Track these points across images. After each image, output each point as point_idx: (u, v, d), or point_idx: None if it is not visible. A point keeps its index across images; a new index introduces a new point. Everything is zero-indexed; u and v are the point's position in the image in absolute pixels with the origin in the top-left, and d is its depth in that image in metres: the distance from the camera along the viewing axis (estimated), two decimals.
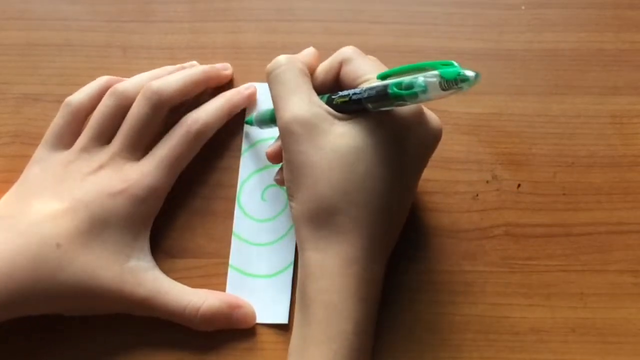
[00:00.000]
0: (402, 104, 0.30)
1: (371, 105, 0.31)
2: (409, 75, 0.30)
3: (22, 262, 0.34)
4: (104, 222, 0.36)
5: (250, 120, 0.40)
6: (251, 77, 0.42)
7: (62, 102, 0.39)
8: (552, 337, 0.37)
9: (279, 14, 0.44)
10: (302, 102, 0.33)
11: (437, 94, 0.28)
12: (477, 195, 0.40)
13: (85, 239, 0.35)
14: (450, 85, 0.27)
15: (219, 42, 0.43)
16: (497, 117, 0.41)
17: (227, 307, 0.37)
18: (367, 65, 0.34)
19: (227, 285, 0.38)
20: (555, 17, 0.43)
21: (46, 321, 0.37)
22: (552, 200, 0.39)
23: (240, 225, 0.39)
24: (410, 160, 0.34)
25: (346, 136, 0.32)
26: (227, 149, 0.41)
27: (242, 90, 0.41)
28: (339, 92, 0.34)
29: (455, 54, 0.42)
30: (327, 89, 0.35)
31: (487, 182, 0.40)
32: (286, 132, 0.33)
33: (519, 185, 0.40)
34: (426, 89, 0.28)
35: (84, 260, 0.35)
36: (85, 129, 0.38)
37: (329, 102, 0.34)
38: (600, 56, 0.42)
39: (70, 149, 0.38)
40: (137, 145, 0.38)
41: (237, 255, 0.39)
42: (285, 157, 0.34)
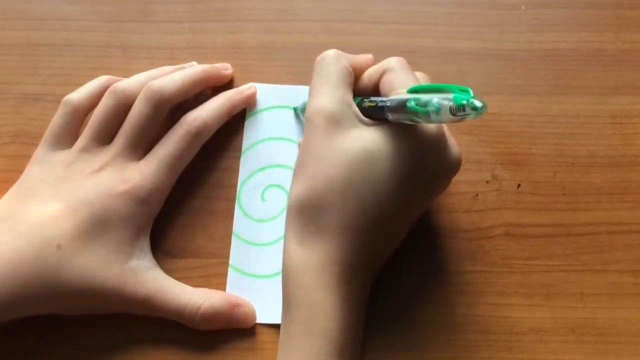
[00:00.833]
0: (416, 120, 0.30)
1: (391, 115, 0.32)
2: (435, 94, 0.29)
3: (23, 264, 0.34)
4: (105, 223, 0.36)
5: (296, 108, 0.41)
6: (251, 77, 0.42)
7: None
8: (552, 337, 0.37)
9: (279, 14, 0.44)
10: (334, 98, 0.34)
11: (446, 117, 0.28)
12: (477, 195, 0.40)
13: (86, 239, 0.35)
14: (458, 110, 0.27)
15: (219, 42, 0.43)
16: (497, 117, 0.41)
17: (227, 306, 0.37)
18: (406, 78, 0.34)
19: (227, 285, 0.38)
20: (555, 17, 0.43)
21: (47, 320, 0.36)
22: (552, 200, 0.39)
23: (240, 225, 0.39)
24: (420, 181, 0.33)
25: (363, 140, 0.33)
26: (227, 149, 0.41)
27: (243, 90, 0.41)
28: (370, 97, 0.34)
29: (455, 54, 0.42)
30: (367, 94, 0.35)
31: (487, 182, 0.40)
32: (310, 120, 0.34)
33: (519, 185, 0.40)
34: (439, 110, 0.28)
35: (85, 260, 0.35)
36: (85, 129, 0.38)
37: (360, 105, 0.34)
38: (600, 56, 0.42)
39: (70, 148, 0.38)
40: (138, 145, 0.38)
41: (237, 255, 0.39)
42: (302, 143, 0.34)
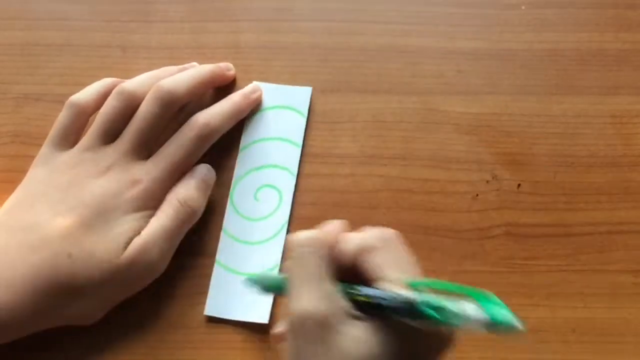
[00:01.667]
0: (426, 324, 0.27)
1: (394, 315, 0.28)
2: (446, 296, 0.27)
3: (39, 279, 0.34)
4: (112, 223, 0.36)
5: (253, 277, 0.34)
6: (251, 77, 0.42)
7: (62, 102, 0.39)
8: (552, 337, 0.37)
9: (279, 14, 0.44)
10: (320, 296, 0.29)
11: (475, 327, 0.25)
12: (477, 195, 0.40)
13: (94, 241, 0.35)
14: (491, 327, 0.25)
15: (219, 42, 0.43)
16: (497, 117, 0.41)
17: (188, 180, 0.38)
18: (392, 261, 0.30)
19: (212, 280, 0.38)
20: (555, 17, 0.43)
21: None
22: (552, 200, 0.39)
23: (230, 222, 0.39)
24: None
25: (360, 341, 0.29)
26: (225, 147, 0.41)
27: (249, 94, 0.41)
28: (361, 289, 0.30)
29: (455, 54, 0.42)
30: (344, 273, 0.31)
31: (487, 182, 0.40)
32: (297, 324, 0.29)
33: (519, 185, 0.40)
34: (470, 321, 0.25)
35: (95, 261, 0.35)
36: (91, 128, 0.38)
37: (348, 294, 0.30)
38: (600, 56, 0.42)
39: (74, 148, 0.38)
40: (145, 144, 0.38)
41: (224, 251, 0.39)
42: (290, 350, 0.30)
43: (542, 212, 0.39)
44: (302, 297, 0.30)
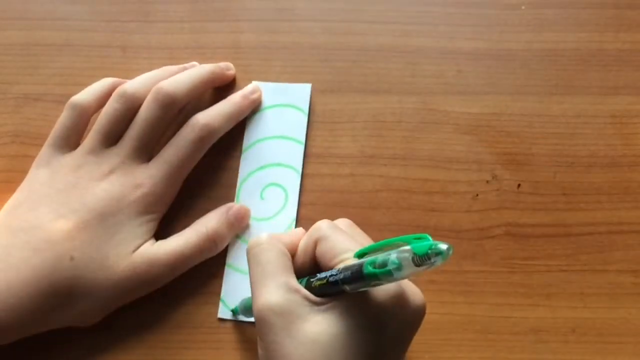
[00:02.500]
0: (378, 283, 0.28)
1: (348, 287, 0.29)
2: (384, 251, 0.28)
3: (41, 281, 0.34)
4: (115, 228, 0.36)
5: (235, 310, 0.38)
6: (251, 77, 0.42)
7: (62, 102, 0.39)
8: (552, 337, 0.37)
9: (279, 14, 0.44)
10: (279, 288, 0.31)
11: (411, 270, 0.26)
12: (477, 195, 0.40)
13: (97, 245, 0.35)
14: (423, 260, 0.25)
15: (219, 42, 0.43)
16: (497, 117, 0.41)
17: (223, 216, 0.38)
18: (343, 242, 0.31)
19: (223, 282, 0.38)
20: (555, 17, 0.43)
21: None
22: (552, 200, 0.39)
23: None
24: (391, 343, 0.31)
25: (323, 324, 0.29)
26: (227, 148, 0.41)
27: (249, 94, 0.41)
28: (317, 275, 0.31)
29: (455, 54, 0.42)
30: (307, 270, 0.33)
31: (487, 182, 0.40)
32: (261, 320, 0.30)
33: (519, 185, 0.40)
34: (400, 266, 0.26)
35: (96, 265, 0.35)
36: (92, 131, 0.38)
37: (308, 286, 0.31)
38: (600, 56, 0.42)
39: (76, 150, 0.38)
40: (146, 147, 0.38)
41: (234, 253, 0.39)
42: (260, 345, 0.31)
43: (542, 212, 0.39)
44: (261, 292, 0.31)
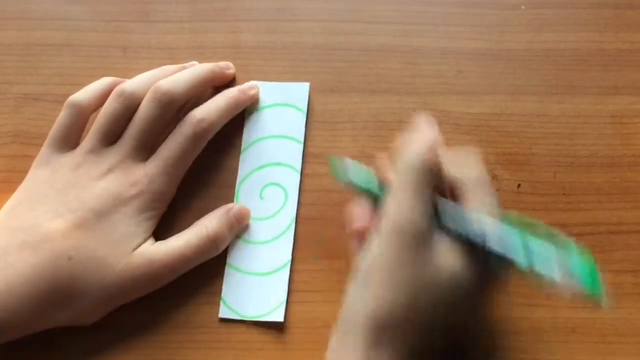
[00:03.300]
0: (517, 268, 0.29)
1: (490, 253, 0.30)
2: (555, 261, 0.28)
3: (40, 280, 0.34)
4: (113, 226, 0.36)
5: (338, 175, 0.36)
6: (251, 77, 0.42)
7: (62, 102, 0.39)
8: (552, 337, 0.37)
9: (279, 14, 0.44)
10: (422, 209, 0.31)
11: (553, 281, 0.26)
12: None
13: (94, 245, 0.35)
14: (571, 280, 0.26)
15: (219, 42, 0.43)
16: (497, 117, 0.41)
17: (224, 217, 0.38)
18: (489, 204, 0.32)
19: (224, 283, 0.38)
20: (555, 17, 0.43)
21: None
22: (552, 200, 0.39)
23: None
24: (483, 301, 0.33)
25: (449, 257, 0.31)
26: (227, 148, 0.41)
27: (247, 90, 0.41)
28: (455, 211, 0.31)
29: (455, 54, 0.42)
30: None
31: None
32: (395, 232, 0.31)
33: (519, 185, 0.40)
34: (554, 282, 0.26)
35: (95, 265, 0.35)
36: (91, 130, 0.38)
37: (437, 209, 0.32)
38: (600, 56, 0.42)
39: (76, 149, 0.38)
40: (146, 145, 0.38)
41: (234, 253, 0.39)
42: (380, 252, 0.31)
43: (542, 212, 0.39)
44: (404, 204, 0.31)
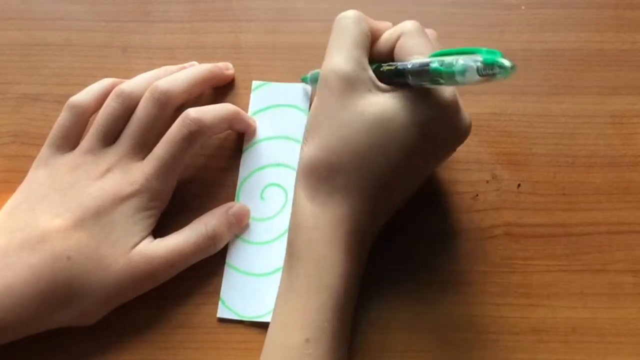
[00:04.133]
0: (439, 82, 0.30)
1: (412, 78, 0.32)
2: (459, 56, 0.30)
3: (39, 281, 0.34)
4: (112, 226, 0.36)
5: (305, 78, 0.41)
6: (251, 77, 0.42)
7: (62, 102, 0.39)
8: (552, 337, 0.37)
9: (279, 14, 0.44)
10: (351, 60, 0.34)
11: (473, 77, 0.28)
12: (477, 195, 0.40)
13: (93, 245, 0.35)
14: (486, 70, 0.28)
15: (219, 42, 0.43)
16: (497, 117, 0.41)
17: (223, 215, 0.38)
18: (423, 43, 0.34)
19: (223, 283, 0.38)
20: (555, 17, 0.43)
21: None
22: (552, 200, 0.39)
23: None
24: (431, 148, 0.34)
25: (379, 105, 0.33)
26: (227, 149, 0.41)
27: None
28: (389, 62, 0.34)
29: None
30: (382, 59, 0.35)
31: (487, 182, 0.40)
32: (325, 80, 0.34)
33: (519, 185, 0.40)
34: (464, 70, 0.29)
35: (94, 265, 0.35)
36: (90, 130, 0.38)
37: (377, 70, 0.34)
38: (600, 56, 0.42)
39: (75, 150, 0.38)
40: (144, 145, 0.38)
41: (234, 253, 0.39)
42: (314, 103, 0.35)
43: (542, 212, 0.39)
44: (334, 57, 0.34)
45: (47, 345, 0.37)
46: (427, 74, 0.31)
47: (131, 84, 0.39)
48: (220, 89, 0.42)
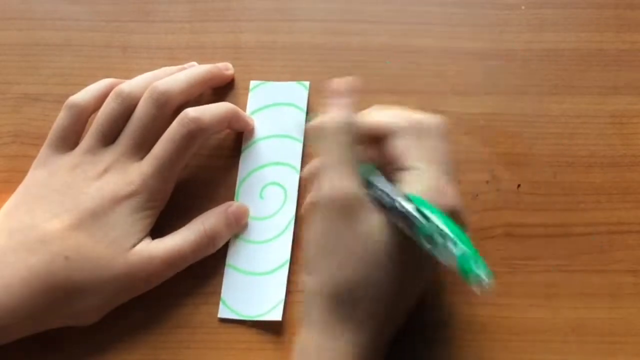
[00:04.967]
0: (420, 240, 0.30)
1: (396, 219, 0.31)
2: (443, 227, 0.29)
3: (36, 281, 0.34)
4: (109, 226, 0.36)
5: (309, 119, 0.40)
6: (251, 77, 0.42)
7: (62, 102, 0.39)
8: (552, 337, 0.37)
9: (279, 14, 0.44)
10: (349, 182, 0.32)
11: (449, 263, 0.28)
12: (477, 195, 0.40)
13: (91, 245, 0.35)
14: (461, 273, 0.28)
15: (219, 42, 0.43)
16: (497, 117, 0.41)
17: (222, 214, 0.38)
18: (417, 152, 0.32)
19: (223, 283, 0.38)
20: (555, 17, 0.43)
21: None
22: (552, 200, 0.39)
23: None
24: (426, 264, 0.33)
25: (381, 228, 0.31)
26: (226, 148, 0.41)
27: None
28: (375, 183, 0.32)
29: (455, 54, 0.42)
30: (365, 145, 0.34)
31: (487, 182, 0.40)
32: (324, 206, 0.32)
33: (519, 185, 0.40)
34: (446, 260, 0.28)
35: (92, 264, 0.35)
36: (90, 130, 0.38)
37: (365, 176, 0.33)
38: (600, 56, 0.42)
39: (74, 150, 0.38)
40: (143, 145, 0.38)
41: (234, 253, 0.39)
42: (314, 230, 0.32)
43: (542, 212, 0.39)
44: (333, 179, 0.32)
45: (47, 345, 0.37)
46: (416, 235, 0.30)
47: (131, 84, 0.39)
48: (219, 89, 0.42)
